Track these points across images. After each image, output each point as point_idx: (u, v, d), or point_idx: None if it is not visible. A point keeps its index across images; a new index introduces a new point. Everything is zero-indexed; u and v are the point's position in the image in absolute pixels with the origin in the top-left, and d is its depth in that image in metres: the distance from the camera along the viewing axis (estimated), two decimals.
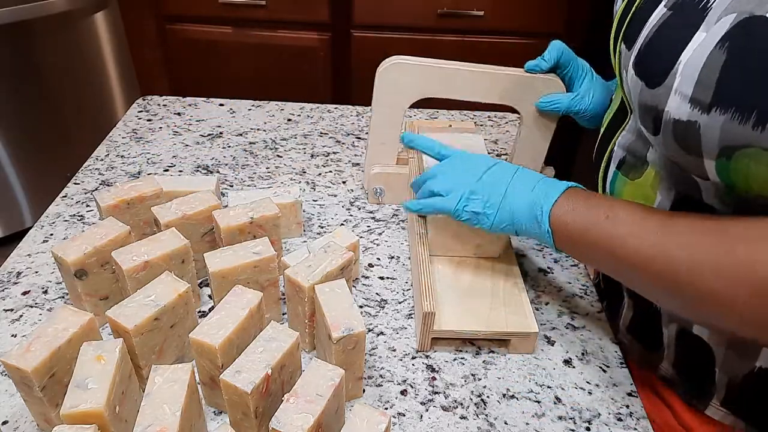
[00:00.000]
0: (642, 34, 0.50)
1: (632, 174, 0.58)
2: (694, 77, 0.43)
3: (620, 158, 0.60)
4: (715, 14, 0.43)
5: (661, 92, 0.46)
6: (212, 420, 0.54)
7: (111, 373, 0.45)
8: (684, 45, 0.44)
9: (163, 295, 0.53)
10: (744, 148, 0.42)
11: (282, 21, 1.65)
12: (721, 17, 0.43)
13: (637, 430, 0.55)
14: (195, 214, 0.64)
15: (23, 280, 0.67)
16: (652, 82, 0.47)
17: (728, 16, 0.42)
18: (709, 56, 0.42)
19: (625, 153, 0.60)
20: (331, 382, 0.46)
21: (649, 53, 0.49)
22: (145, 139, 0.95)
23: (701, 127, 0.44)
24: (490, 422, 0.55)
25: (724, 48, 0.42)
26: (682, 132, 0.45)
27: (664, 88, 0.46)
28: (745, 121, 0.41)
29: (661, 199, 0.55)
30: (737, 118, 0.41)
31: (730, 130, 0.42)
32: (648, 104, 0.48)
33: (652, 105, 0.48)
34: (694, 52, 0.43)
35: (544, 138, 0.78)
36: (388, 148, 0.79)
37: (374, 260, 0.73)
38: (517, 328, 0.60)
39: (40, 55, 1.63)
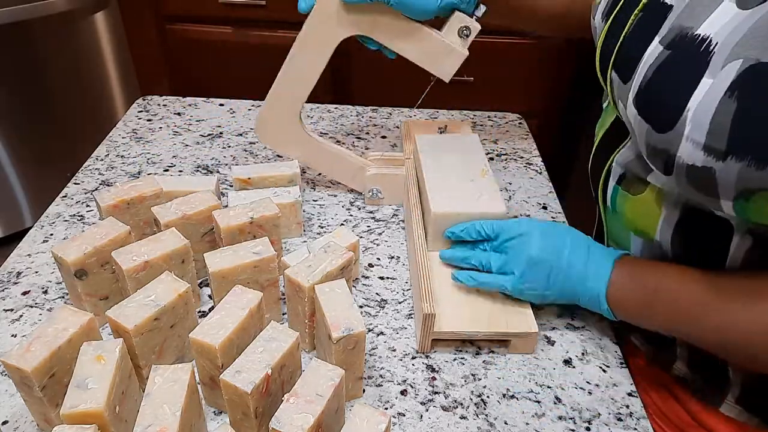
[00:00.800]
0: (639, 71, 0.50)
1: (633, 189, 0.58)
2: (706, 125, 0.43)
3: (619, 174, 0.60)
4: (720, 58, 0.43)
5: (671, 137, 0.46)
6: (212, 420, 0.54)
7: (111, 373, 0.45)
8: (690, 91, 0.44)
9: (163, 295, 0.53)
10: (761, 192, 0.43)
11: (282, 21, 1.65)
12: (726, 62, 0.42)
13: (637, 430, 0.55)
14: (195, 214, 0.64)
15: (23, 280, 0.67)
16: (660, 126, 0.47)
17: (734, 62, 0.42)
18: (720, 104, 0.42)
19: (625, 170, 0.59)
20: (331, 382, 0.46)
21: (651, 96, 0.49)
22: (145, 139, 0.95)
23: (717, 173, 0.44)
24: (490, 422, 0.55)
25: (734, 96, 0.42)
26: (697, 177, 0.46)
27: (674, 134, 0.46)
28: (762, 167, 0.41)
29: (667, 214, 0.55)
30: (753, 166, 0.42)
31: (746, 176, 0.42)
32: (657, 147, 0.48)
33: (663, 148, 0.47)
34: (703, 99, 0.43)
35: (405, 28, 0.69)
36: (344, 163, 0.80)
37: (374, 260, 0.73)
38: (517, 328, 0.60)
39: (40, 55, 1.63)
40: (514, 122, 1.04)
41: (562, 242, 0.60)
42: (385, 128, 1.00)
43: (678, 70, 0.46)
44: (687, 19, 0.47)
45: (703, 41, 0.45)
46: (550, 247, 0.60)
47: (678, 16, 0.48)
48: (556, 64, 1.62)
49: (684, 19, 0.47)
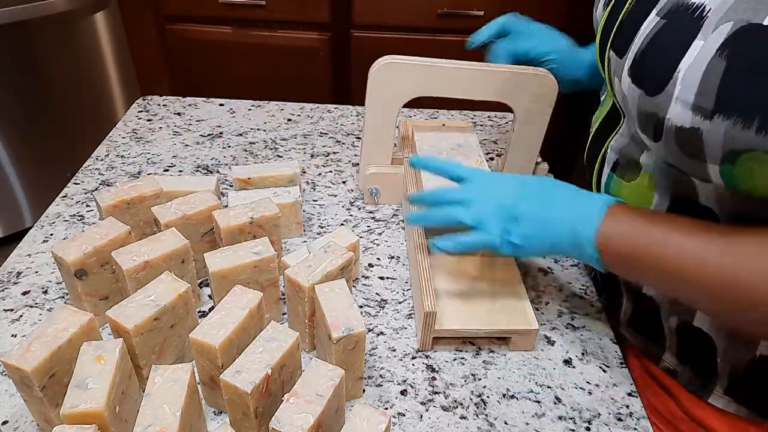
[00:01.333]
0: (635, 42, 0.51)
1: (627, 176, 0.59)
2: (695, 85, 0.44)
3: (614, 161, 0.61)
4: (712, 22, 0.44)
5: (661, 100, 0.47)
6: (212, 420, 0.54)
7: (111, 373, 0.45)
8: (682, 53, 0.45)
9: (163, 295, 0.53)
10: (748, 152, 0.43)
11: (282, 21, 1.65)
12: (718, 25, 0.43)
13: (637, 430, 0.55)
14: (195, 214, 0.64)
15: (23, 280, 0.67)
16: (651, 90, 0.48)
17: (726, 24, 0.43)
18: (709, 64, 0.43)
19: (619, 156, 0.60)
20: (331, 382, 0.46)
21: (645, 61, 0.49)
22: (145, 139, 0.95)
23: (704, 134, 0.44)
24: (490, 422, 0.55)
25: (723, 55, 0.42)
26: (685, 138, 0.46)
27: (665, 96, 0.46)
28: (748, 126, 0.42)
29: (657, 200, 0.55)
30: (740, 124, 0.42)
31: (733, 135, 0.43)
32: (648, 111, 0.49)
33: (652, 112, 0.48)
34: (694, 60, 0.44)
35: (538, 132, 0.78)
36: (383, 148, 0.79)
37: (374, 260, 0.73)
38: (517, 325, 0.60)
39: (40, 55, 1.63)
40: None
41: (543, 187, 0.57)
42: None
43: (672, 36, 0.47)
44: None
45: (697, 8, 0.46)
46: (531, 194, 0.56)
47: None
48: None
49: None
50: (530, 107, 0.75)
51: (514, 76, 0.73)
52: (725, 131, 0.43)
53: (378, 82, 0.74)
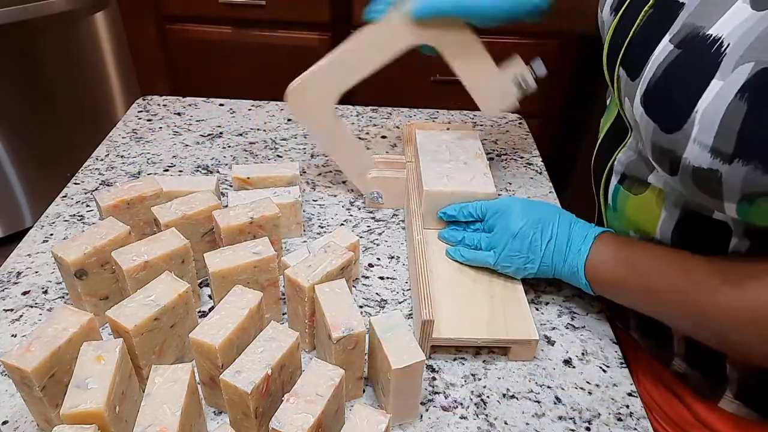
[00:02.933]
0: (648, 69, 0.49)
1: (635, 189, 0.59)
2: (714, 127, 0.43)
3: (621, 173, 0.60)
4: (731, 60, 0.43)
5: (679, 138, 0.46)
6: (212, 420, 0.54)
7: (111, 373, 0.45)
8: (700, 92, 0.44)
9: (163, 295, 0.53)
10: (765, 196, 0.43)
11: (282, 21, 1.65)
12: (738, 65, 0.42)
13: (637, 430, 0.55)
14: (195, 214, 0.64)
15: (23, 280, 0.67)
16: (667, 126, 0.47)
17: (746, 64, 0.42)
18: (729, 106, 0.42)
19: (625, 170, 0.60)
20: (331, 382, 0.46)
21: (659, 95, 0.48)
22: (145, 139, 0.95)
23: (723, 176, 0.44)
24: (490, 422, 0.55)
25: (744, 98, 0.41)
26: (703, 178, 0.45)
27: (682, 135, 0.45)
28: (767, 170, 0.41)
29: (666, 215, 0.55)
30: (760, 170, 0.42)
31: (753, 179, 0.42)
32: (664, 147, 0.48)
33: (669, 149, 0.47)
34: (713, 101, 0.43)
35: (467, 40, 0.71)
36: (356, 154, 0.79)
37: (374, 260, 0.73)
38: (517, 335, 0.59)
39: (40, 55, 1.63)
40: (514, 122, 1.04)
41: (544, 217, 0.62)
42: (385, 128, 1.00)
43: (688, 71, 0.46)
44: (699, 18, 0.46)
45: (714, 42, 0.44)
46: (532, 221, 0.62)
47: (690, 15, 0.47)
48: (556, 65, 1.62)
49: (696, 17, 0.47)
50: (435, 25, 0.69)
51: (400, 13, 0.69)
52: (745, 175, 0.42)
53: (300, 109, 0.76)
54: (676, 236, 0.56)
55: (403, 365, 0.49)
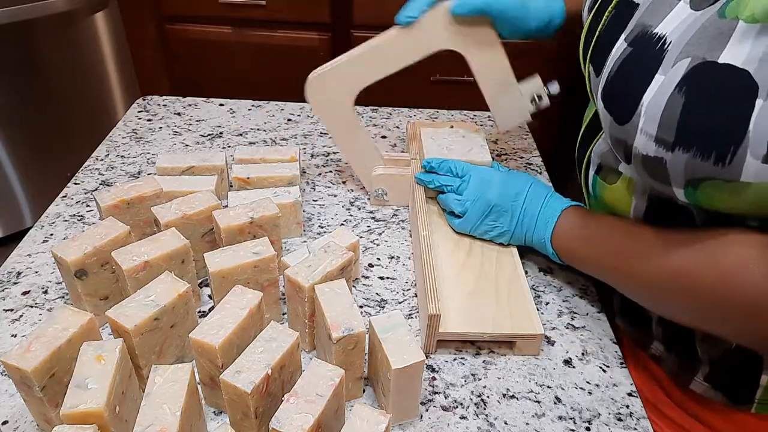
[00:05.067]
0: (606, 65, 0.54)
1: (609, 179, 0.62)
2: (657, 119, 0.46)
3: (597, 164, 0.63)
4: (672, 56, 0.46)
5: (629, 129, 0.49)
6: (212, 420, 0.54)
7: (111, 373, 0.45)
8: (645, 86, 0.48)
9: (163, 295, 0.53)
10: (708, 180, 0.45)
11: (282, 21, 1.65)
12: (677, 60, 0.46)
13: (637, 430, 0.55)
14: (195, 214, 0.64)
15: (23, 280, 0.67)
16: (619, 118, 0.51)
17: (684, 60, 0.45)
18: (669, 99, 0.45)
19: (601, 160, 0.63)
20: (331, 382, 0.46)
21: (613, 90, 0.52)
22: (145, 139, 0.95)
23: (667, 163, 0.47)
24: (490, 422, 0.55)
25: (682, 91, 0.45)
26: (651, 166, 0.49)
27: (631, 126, 0.49)
28: (706, 157, 0.44)
29: (636, 203, 0.58)
30: (699, 156, 0.44)
31: (693, 166, 0.45)
32: (618, 138, 0.52)
33: (622, 139, 0.51)
34: (655, 94, 0.46)
35: (497, 57, 0.74)
36: (366, 151, 0.79)
37: (374, 260, 0.73)
38: (521, 329, 0.60)
39: (41, 55, 1.63)
40: None
41: (520, 190, 0.67)
42: (385, 128, 1.01)
43: (637, 66, 0.50)
44: (649, 17, 0.50)
45: (659, 39, 0.48)
46: (508, 193, 0.67)
47: (642, 15, 0.52)
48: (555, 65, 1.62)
49: (647, 17, 0.51)
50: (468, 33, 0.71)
51: (434, 17, 0.70)
52: (686, 162, 0.45)
53: (318, 100, 0.75)
54: (647, 222, 0.58)
55: (403, 365, 0.49)
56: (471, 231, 0.70)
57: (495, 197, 0.67)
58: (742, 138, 0.42)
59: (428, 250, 0.65)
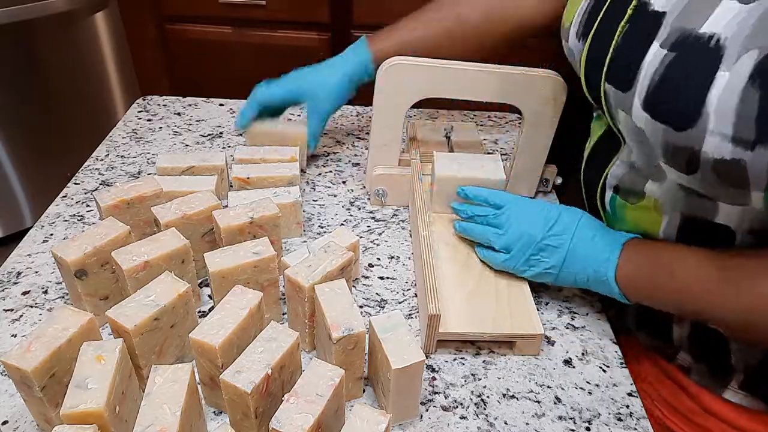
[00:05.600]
0: (642, 75, 0.50)
1: (631, 199, 0.59)
2: (731, 117, 0.44)
3: (614, 186, 0.62)
4: (733, 52, 0.44)
5: (693, 134, 0.46)
6: (212, 420, 0.54)
7: (111, 373, 0.45)
8: (707, 86, 0.45)
9: (163, 295, 0.53)
10: None
11: (282, 21, 1.65)
12: (740, 54, 0.43)
13: (637, 430, 0.55)
14: (195, 214, 0.64)
15: (23, 280, 0.67)
16: (678, 125, 0.47)
17: (750, 52, 0.43)
18: (742, 94, 0.43)
19: (619, 183, 0.61)
20: (331, 382, 0.46)
21: (663, 97, 0.49)
22: (145, 139, 0.95)
23: (747, 164, 0.44)
24: (490, 422, 0.55)
25: (756, 84, 0.42)
26: (725, 170, 0.46)
27: (696, 131, 0.46)
28: None
29: (668, 221, 0.56)
30: None
31: None
32: (677, 145, 0.48)
33: (684, 146, 0.48)
34: (723, 91, 0.44)
35: (546, 135, 0.78)
36: (390, 150, 0.79)
37: (374, 260, 0.73)
38: (521, 329, 0.60)
39: (40, 55, 1.63)
40: (514, 122, 1.04)
41: (567, 225, 0.61)
42: None
43: (689, 69, 0.47)
44: (686, 21, 0.48)
45: (710, 38, 0.46)
46: (554, 229, 0.61)
47: (676, 19, 0.49)
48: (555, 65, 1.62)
49: (683, 21, 0.48)
50: (538, 109, 0.75)
51: (523, 77, 0.73)
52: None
53: (386, 83, 0.74)
54: (680, 239, 0.56)
55: (403, 365, 0.49)
56: (515, 269, 0.64)
57: (540, 232, 0.62)
58: None
59: (428, 251, 0.65)
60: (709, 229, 0.53)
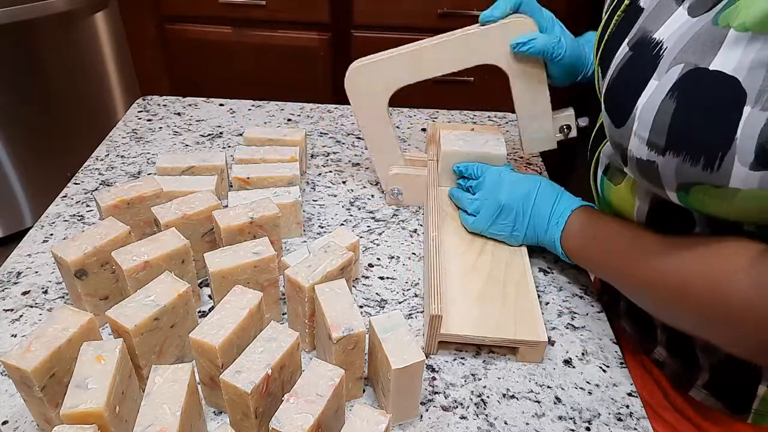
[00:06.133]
0: (610, 69, 0.54)
1: (615, 179, 0.62)
2: (649, 123, 0.47)
3: (605, 164, 0.64)
4: (666, 63, 0.47)
5: (624, 132, 0.50)
6: (212, 420, 0.54)
7: (111, 373, 0.45)
8: (640, 91, 0.48)
9: (163, 295, 0.53)
10: (698, 185, 0.46)
11: (282, 21, 1.65)
12: (671, 66, 0.46)
13: (637, 430, 0.55)
14: (195, 214, 0.64)
15: (23, 280, 0.67)
16: (617, 122, 0.51)
17: (677, 66, 0.46)
18: (662, 104, 0.46)
19: (609, 161, 0.63)
20: (331, 382, 0.46)
21: (613, 93, 0.53)
22: (145, 139, 0.95)
23: (659, 167, 0.47)
24: (490, 422, 0.55)
25: (673, 97, 0.45)
26: (644, 169, 0.49)
27: (626, 129, 0.50)
28: (695, 162, 0.45)
29: (639, 204, 0.58)
30: (688, 161, 0.45)
31: (683, 170, 0.46)
32: (615, 141, 0.52)
33: (619, 142, 0.52)
34: (649, 98, 0.47)
35: (539, 84, 0.74)
36: (390, 150, 0.79)
37: (374, 260, 0.73)
38: (525, 336, 0.59)
39: (41, 55, 1.63)
40: (514, 122, 1.04)
41: (529, 190, 0.69)
42: None
43: (634, 70, 0.51)
44: (650, 23, 0.51)
45: (657, 45, 0.49)
46: (518, 194, 0.69)
47: (644, 20, 0.52)
48: None
49: (648, 22, 0.52)
50: (520, 59, 0.71)
51: (489, 31, 0.70)
52: (676, 166, 0.46)
53: (356, 89, 0.75)
54: (650, 224, 0.58)
55: (403, 365, 0.49)
56: (484, 231, 0.71)
57: (505, 197, 0.69)
58: (729, 144, 0.42)
59: (436, 251, 0.65)
60: (673, 215, 0.55)
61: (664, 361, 0.64)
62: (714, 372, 0.59)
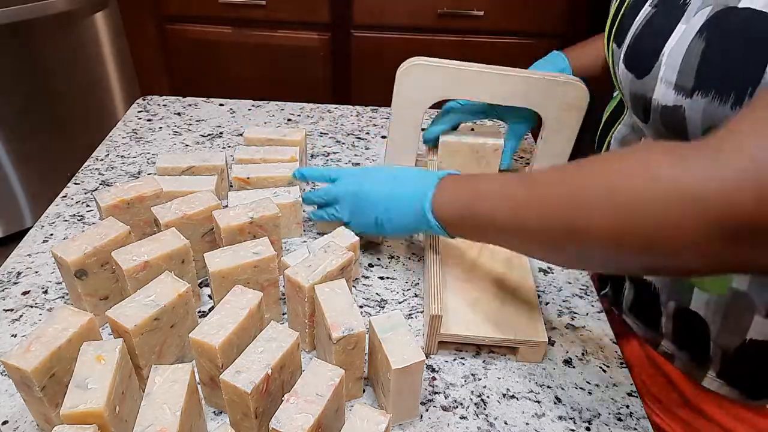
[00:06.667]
0: (630, 31, 0.55)
1: None
2: (677, 65, 0.47)
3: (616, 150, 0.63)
4: (694, 8, 0.48)
5: (648, 81, 0.50)
6: (212, 420, 0.54)
7: (111, 373, 0.45)
8: (667, 37, 0.49)
9: (163, 295, 0.53)
10: None
11: (282, 21, 1.65)
12: (699, 10, 0.47)
13: (637, 430, 0.55)
14: (195, 214, 0.64)
15: (23, 280, 0.67)
16: (640, 73, 0.51)
17: (706, 8, 0.46)
18: (690, 45, 0.46)
19: (620, 146, 0.63)
20: (331, 382, 0.46)
21: (636, 47, 0.53)
22: (145, 139, 0.95)
23: (686, 111, 0.47)
24: (490, 422, 0.55)
25: (702, 37, 0.46)
26: (669, 117, 0.49)
27: (651, 78, 0.50)
28: (724, 102, 0.45)
29: None
30: (717, 100, 0.45)
31: (711, 111, 0.46)
32: (637, 94, 0.52)
33: (642, 94, 0.52)
34: (676, 42, 0.48)
35: (566, 141, 0.77)
36: (408, 149, 0.80)
37: (374, 260, 0.73)
38: (525, 336, 0.59)
39: (41, 55, 1.63)
40: None
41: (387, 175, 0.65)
42: (385, 128, 1.00)
43: (659, 23, 0.51)
44: None
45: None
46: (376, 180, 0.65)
47: None
48: None
49: None
50: (559, 115, 0.75)
51: (544, 82, 0.73)
52: (704, 107, 0.46)
53: (406, 83, 0.75)
54: None
55: (403, 365, 0.49)
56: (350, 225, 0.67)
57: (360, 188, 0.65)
58: (759, 79, 0.42)
59: (436, 251, 0.66)
60: None
61: (674, 354, 0.64)
62: (727, 359, 0.59)
